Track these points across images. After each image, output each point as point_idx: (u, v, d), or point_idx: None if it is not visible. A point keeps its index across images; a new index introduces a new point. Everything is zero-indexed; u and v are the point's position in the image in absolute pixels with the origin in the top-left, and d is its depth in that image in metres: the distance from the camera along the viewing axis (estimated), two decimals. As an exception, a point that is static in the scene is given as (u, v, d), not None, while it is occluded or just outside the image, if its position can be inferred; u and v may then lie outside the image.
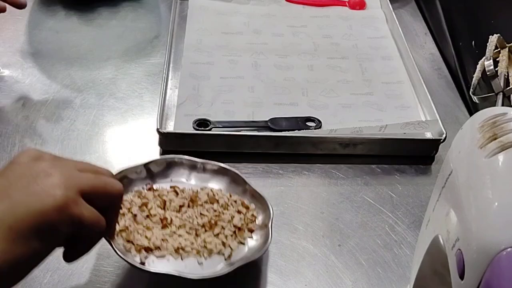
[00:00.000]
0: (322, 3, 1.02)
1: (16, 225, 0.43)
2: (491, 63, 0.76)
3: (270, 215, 0.61)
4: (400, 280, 0.61)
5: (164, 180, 0.65)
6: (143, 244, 0.57)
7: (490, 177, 0.38)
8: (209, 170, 0.66)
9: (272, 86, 0.83)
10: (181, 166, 0.66)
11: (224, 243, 0.59)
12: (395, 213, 0.68)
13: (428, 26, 1.02)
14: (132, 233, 0.58)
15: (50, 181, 0.45)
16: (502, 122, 0.41)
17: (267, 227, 0.60)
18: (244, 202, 0.63)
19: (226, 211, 0.62)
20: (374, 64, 0.89)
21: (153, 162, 0.65)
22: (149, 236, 0.58)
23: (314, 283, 0.60)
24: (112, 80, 0.84)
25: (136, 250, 0.57)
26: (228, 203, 0.62)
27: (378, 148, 0.74)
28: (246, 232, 0.60)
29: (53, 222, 0.44)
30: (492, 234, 0.36)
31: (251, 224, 0.61)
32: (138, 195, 0.62)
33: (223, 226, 0.60)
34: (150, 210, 0.61)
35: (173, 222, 0.60)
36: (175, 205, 0.61)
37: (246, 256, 0.58)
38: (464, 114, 0.83)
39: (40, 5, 0.98)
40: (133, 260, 0.56)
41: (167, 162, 0.65)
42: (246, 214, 0.62)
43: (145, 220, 0.60)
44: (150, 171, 0.64)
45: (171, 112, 0.77)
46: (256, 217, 0.62)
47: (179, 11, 0.97)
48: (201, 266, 0.57)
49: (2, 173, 0.47)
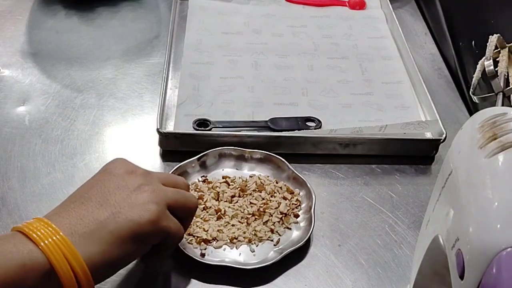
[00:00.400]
0: (322, 3, 1.02)
1: (116, 232, 0.50)
2: (491, 63, 0.76)
3: (313, 199, 0.65)
4: (400, 280, 0.61)
5: (216, 172, 0.70)
6: (202, 236, 0.62)
7: (490, 177, 0.38)
8: (256, 159, 0.70)
9: (272, 86, 0.83)
10: (230, 156, 0.71)
11: (272, 230, 0.63)
12: (395, 213, 0.68)
13: (428, 26, 1.02)
14: (191, 226, 0.62)
15: (145, 196, 0.52)
16: (502, 122, 0.41)
17: (310, 211, 0.64)
18: (289, 187, 0.68)
19: (273, 198, 0.66)
20: (374, 64, 0.89)
21: (205, 155, 0.69)
22: (207, 228, 0.63)
23: (314, 283, 0.60)
24: (112, 80, 0.84)
25: (197, 242, 0.62)
26: (274, 190, 0.67)
27: (378, 148, 0.74)
28: (292, 217, 0.65)
29: (147, 232, 0.51)
30: (492, 234, 0.36)
31: (296, 209, 0.66)
32: (195, 188, 0.67)
33: (271, 213, 0.65)
34: (206, 202, 0.65)
35: (226, 212, 0.64)
36: (227, 196, 0.66)
37: (292, 240, 0.63)
38: (464, 114, 0.83)
39: (40, 5, 0.98)
40: (194, 253, 0.60)
41: (218, 154, 0.70)
42: (291, 200, 0.66)
43: (202, 213, 0.64)
44: (204, 164, 0.69)
45: (171, 112, 0.77)
46: (300, 202, 0.67)
47: (179, 11, 0.97)
48: (254, 254, 0.61)
49: (99, 180, 0.54)
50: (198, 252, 0.61)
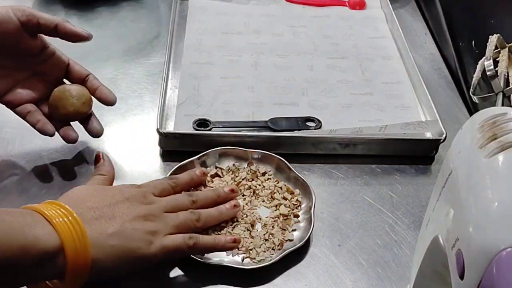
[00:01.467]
0: (322, 3, 1.02)
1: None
2: (491, 63, 0.76)
3: (313, 199, 0.65)
4: (400, 280, 0.61)
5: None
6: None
7: (490, 177, 0.38)
8: (256, 159, 0.70)
9: (272, 86, 0.83)
10: (230, 156, 0.71)
11: (271, 234, 0.63)
12: (395, 213, 0.68)
13: (428, 26, 1.02)
14: None
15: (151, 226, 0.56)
16: (502, 122, 0.41)
17: (310, 211, 0.64)
18: (290, 188, 0.68)
19: (273, 201, 0.66)
20: (374, 64, 0.89)
21: (205, 155, 0.69)
22: (210, 233, 0.62)
23: (314, 283, 0.60)
24: (112, 80, 0.84)
25: None
26: (274, 190, 0.67)
27: (378, 148, 0.74)
28: (292, 218, 0.65)
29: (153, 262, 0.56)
30: (492, 234, 0.36)
31: (296, 209, 0.66)
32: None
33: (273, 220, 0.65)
34: None
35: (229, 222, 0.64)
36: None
37: (292, 240, 0.63)
38: (464, 114, 0.83)
39: (40, 5, 0.98)
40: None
41: (219, 154, 0.70)
42: (291, 200, 0.67)
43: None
44: (204, 164, 0.70)
45: (171, 112, 0.77)
46: (300, 202, 0.67)
47: (179, 11, 0.97)
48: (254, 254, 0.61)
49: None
50: None
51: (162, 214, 0.57)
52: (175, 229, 0.57)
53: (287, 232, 0.63)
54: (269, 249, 0.61)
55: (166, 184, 0.62)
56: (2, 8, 0.64)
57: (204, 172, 0.67)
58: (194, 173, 0.66)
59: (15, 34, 0.64)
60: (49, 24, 0.66)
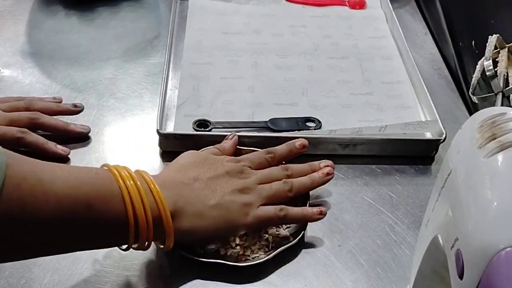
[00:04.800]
0: (322, 3, 1.02)
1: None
2: (491, 63, 0.76)
3: (308, 198, 0.65)
4: (400, 280, 0.61)
5: None
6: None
7: (489, 177, 0.39)
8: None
9: (272, 86, 0.83)
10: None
11: (265, 231, 0.63)
12: (395, 214, 0.68)
13: (428, 26, 1.02)
14: None
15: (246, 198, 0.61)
16: (501, 122, 0.41)
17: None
18: None
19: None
20: (374, 64, 0.89)
21: None
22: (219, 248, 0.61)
23: (314, 283, 0.60)
24: (112, 80, 0.84)
25: None
26: None
27: (378, 148, 0.74)
28: None
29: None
30: (491, 234, 0.36)
31: None
32: None
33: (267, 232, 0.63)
34: None
35: None
36: None
37: (288, 238, 0.63)
38: (464, 114, 0.83)
39: (40, 5, 0.98)
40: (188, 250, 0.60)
41: None
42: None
43: None
44: None
45: (171, 112, 0.77)
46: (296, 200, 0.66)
47: (179, 11, 0.97)
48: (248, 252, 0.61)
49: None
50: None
51: (257, 186, 0.61)
52: (268, 200, 0.61)
53: (281, 229, 0.63)
54: (263, 246, 0.61)
55: (263, 158, 0.66)
56: None
57: (304, 145, 0.68)
58: (294, 145, 0.68)
59: None
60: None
